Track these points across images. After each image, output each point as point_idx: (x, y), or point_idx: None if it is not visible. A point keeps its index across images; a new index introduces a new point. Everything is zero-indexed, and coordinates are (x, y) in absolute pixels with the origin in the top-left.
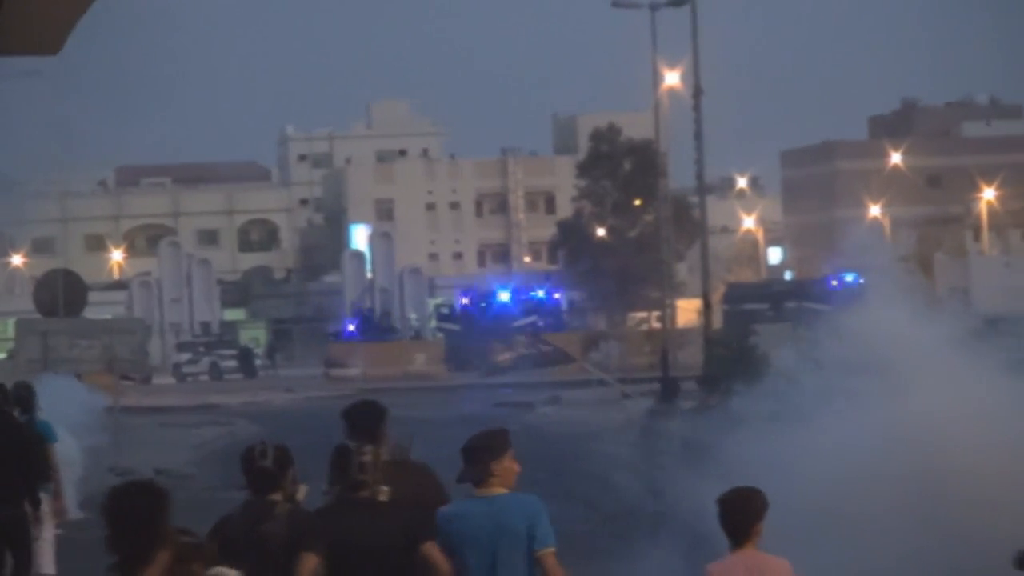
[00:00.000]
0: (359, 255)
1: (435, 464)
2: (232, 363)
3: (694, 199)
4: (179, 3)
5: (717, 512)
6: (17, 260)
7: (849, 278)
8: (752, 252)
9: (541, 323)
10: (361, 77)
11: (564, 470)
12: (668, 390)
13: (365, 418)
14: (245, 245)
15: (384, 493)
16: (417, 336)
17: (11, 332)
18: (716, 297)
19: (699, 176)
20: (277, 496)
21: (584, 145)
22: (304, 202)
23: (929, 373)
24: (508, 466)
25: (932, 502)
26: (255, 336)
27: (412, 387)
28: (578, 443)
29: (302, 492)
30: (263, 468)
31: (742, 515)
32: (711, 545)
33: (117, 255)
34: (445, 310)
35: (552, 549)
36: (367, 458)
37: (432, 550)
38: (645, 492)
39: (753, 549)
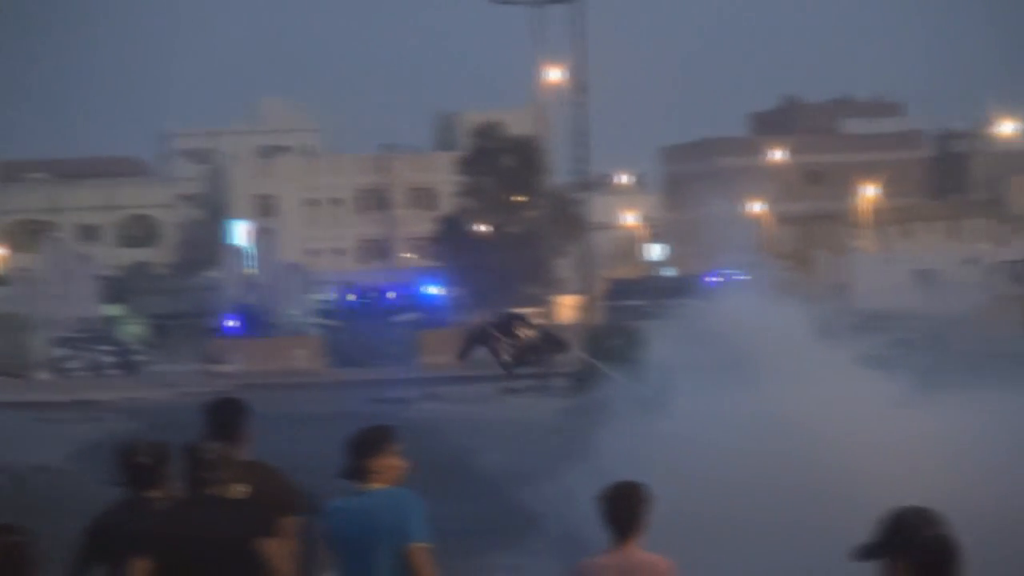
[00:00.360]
0: (240, 251)
1: (312, 461)
2: (111, 359)
3: (576, 195)
4: (53, 9)
5: (599, 508)
6: None
7: (731, 274)
8: (632, 248)
9: (422, 319)
10: (243, 73)
11: (441, 468)
12: (550, 385)
13: (225, 415)
14: (125, 240)
15: (237, 491)
16: (297, 332)
17: None
18: (598, 293)
19: (581, 173)
20: (155, 493)
21: (465, 141)
22: (185, 198)
23: (788, 367)
24: (389, 463)
25: (789, 497)
26: (135, 332)
27: (292, 383)
28: (457, 440)
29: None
30: (141, 464)
31: (623, 510)
32: (590, 542)
33: None
34: (325, 306)
35: (423, 545)
36: (212, 456)
37: (267, 547)
38: (524, 490)
39: (634, 547)
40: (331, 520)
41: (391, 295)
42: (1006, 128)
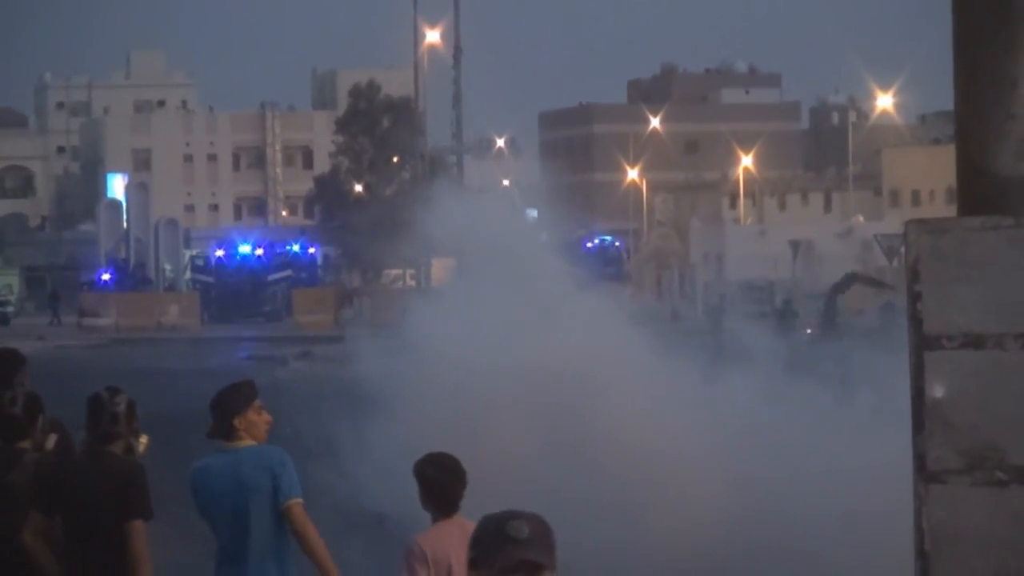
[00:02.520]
0: (115, 204)
1: (182, 417)
2: None
3: (452, 158)
4: None
5: (417, 482)
6: None
7: (606, 240)
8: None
9: (295, 277)
10: (121, 25)
11: (308, 428)
12: None
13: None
14: (0, 192)
15: (143, 444)
16: (171, 287)
17: None
18: None
19: (456, 135)
20: (25, 444)
21: (343, 101)
22: (61, 150)
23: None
24: (254, 419)
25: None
26: (8, 283)
27: (164, 338)
28: (326, 400)
29: (51, 441)
30: (11, 415)
31: (448, 483)
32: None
33: None
34: (200, 262)
35: (298, 500)
36: (120, 408)
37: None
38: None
39: (460, 517)
40: (199, 479)
41: (259, 252)
42: (881, 102)
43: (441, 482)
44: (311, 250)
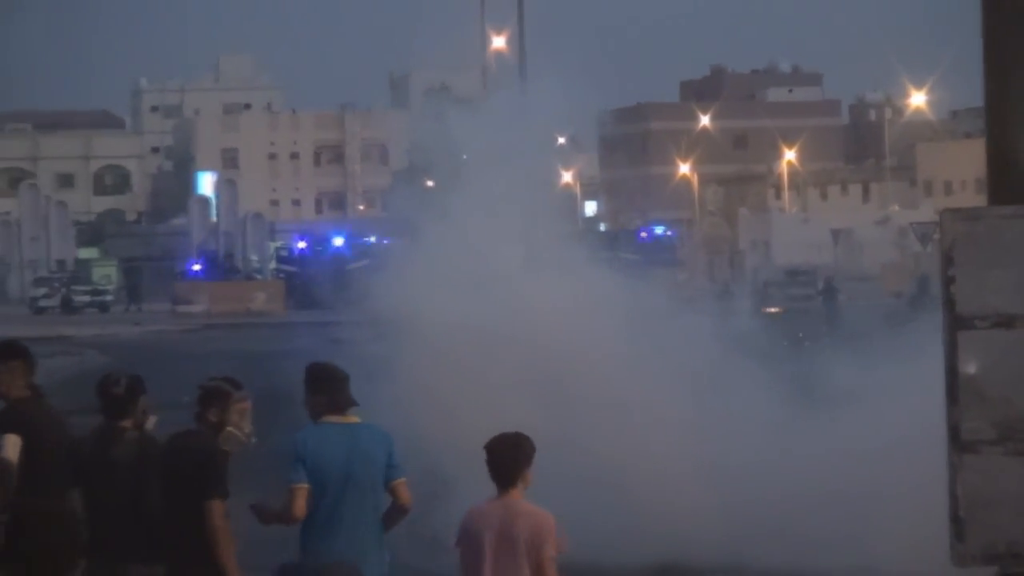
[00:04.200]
0: (205, 200)
1: (269, 393)
2: (85, 298)
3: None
4: None
5: (485, 458)
6: None
7: (659, 230)
8: (570, 205)
9: (375, 265)
10: (210, 31)
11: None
12: None
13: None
14: (99, 189)
15: (151, 423)
16: (258, 276)
17: None
18: None
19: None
20: (127, 423)
21: (417, 101)
22: (155, 150)
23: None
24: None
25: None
26: (107, 274)
27: (252, 323)
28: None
29: (151, 422)
30: (116, 395)
31: (508, 460)
32: None
33: None
34: (284, 253)
35: (405, 479)
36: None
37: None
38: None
39: (518, 496)
40: (313, 444)
41: (338, 242)
42: (916, 99)
43: (496, 455)
44: (387, 241)
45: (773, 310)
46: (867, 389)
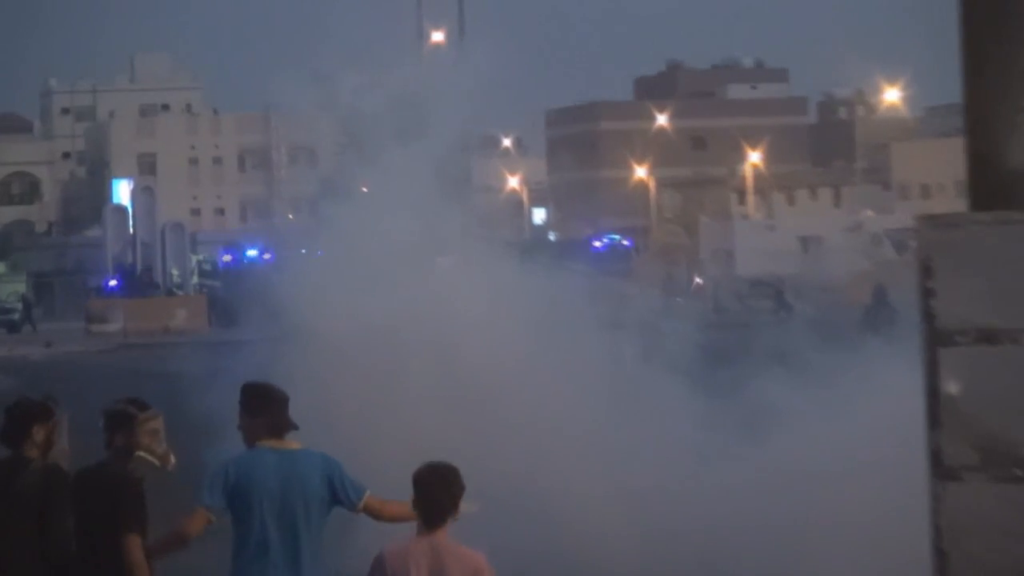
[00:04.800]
0: (121, 209)
1: (195, 418)
2: None
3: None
4: None
5: (413, 492)
6: None
7: (614, 238)
8: (516, 212)
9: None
10: (124, 29)
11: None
12: None
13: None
14: (6, 198)
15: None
16: (178, 292)
17: None
18: None
19: (463, 134)
20: (32, 452)
21: (346, 101)
22: (67, 155)
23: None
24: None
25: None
26: (16, 290)
27: (172, 342)
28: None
29: (59, 451)
30: (8, 420)
31: (442, 496)
32: None
33: None
34: (207, 266)
35: (369, 491)
36: (100, 423)
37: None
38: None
39: (445, 536)
40: (243, 472)
41: (252, 253)
42: (889, 95)
43: (427, 489)
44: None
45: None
46: (799, 411)
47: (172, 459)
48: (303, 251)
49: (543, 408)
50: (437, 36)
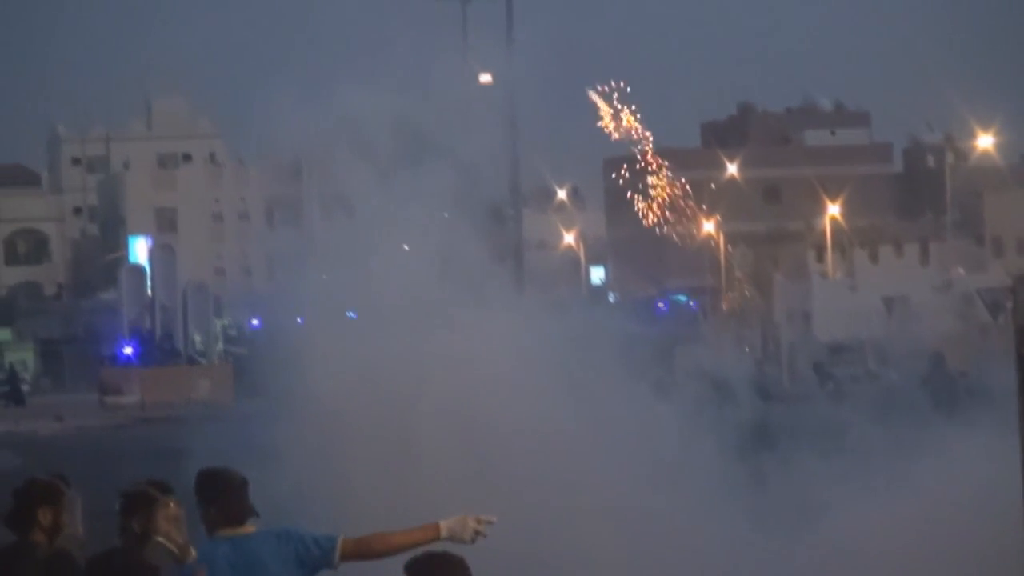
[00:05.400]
0: (138, 269)
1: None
2: None
3: (509, 211)
4: None
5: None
6: None
7: (680, 299)
8: (573, 270)
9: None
10: (140, 70)
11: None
12: None
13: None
14: (11, 257)
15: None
16: (201, 360)
17: None
18: None
19: (513, 186)
20: (38, 537)
21: (385, 146)
22: (77, 211)
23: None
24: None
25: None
26: (22, 358)
27: (195, 416)
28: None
29: (70, 536)
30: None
31: None
32: None
33: None
34: (233, 331)
35: (341, 536)
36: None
37: None
38: None
39: None
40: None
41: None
42: (982, 141)
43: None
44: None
45: None
46: (847, 507)
47: (192, 552)
48: (337, 312)
49: (578, 487)
50: (485, 78)
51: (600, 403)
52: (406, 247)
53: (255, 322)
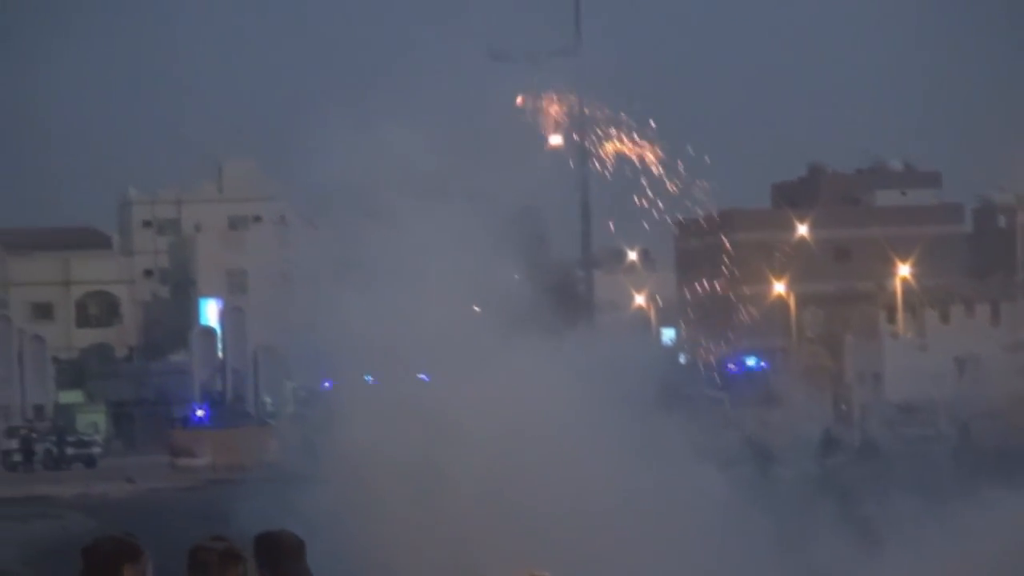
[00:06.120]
0: (209, 332)
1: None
2: (69, 450)
3: (579, 273)
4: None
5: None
6: None
7: (750, 360)
8: (644, 331)
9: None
10: (212, 132)
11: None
12: None
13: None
14: (82, 320)
15: None
16: (272, 422)
17: None
18: None
19: (585, 247)
20: None
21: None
22: (148, 273)
23: None
24: None
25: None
26: (93, 420)
27: (267, 478)
28: None
29: None
30: (92, 563)
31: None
32: None
33: None
34: (303, 393)
35: None
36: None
37: None
38: None
39: None
40: None
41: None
42: None
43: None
44: None
45: None
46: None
47: None
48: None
49: (632, 551)
50: (555, 140)
51: (662, 469)
52: (476, 308)
53: (326, 384)
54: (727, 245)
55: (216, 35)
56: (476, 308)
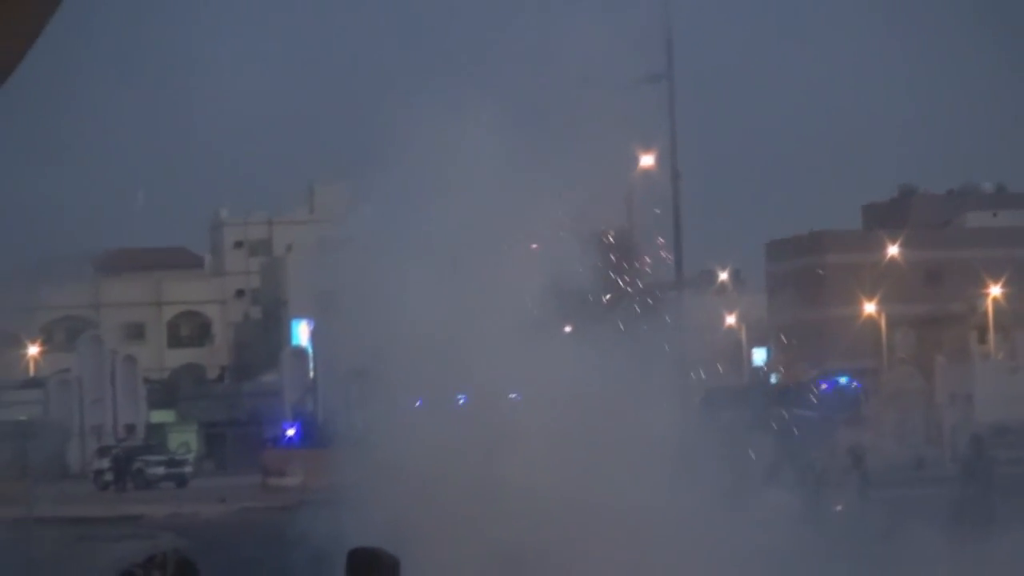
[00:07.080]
0: (301, 352)
1: None
2: (159, 470)
3: (671, 293)
4: (95, 73)
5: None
6: None
7: (842, 380)
8: (734, 352)
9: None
10: (303, 156)
11: None
12: None
13: None
14: (174, 340)
15: None
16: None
17: None
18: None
19: (676, 268)
20: None
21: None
22: (240, 293)
23: None
24: None
25: None
26: (185, 440)
27: (356, 499)
28: None
29: None
30: None
31: None
32: None
33: (33, 350)
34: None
35: None
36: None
37: None
38: None
39: None
40: None
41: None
42: None
43: None
44: None
45: None
46: None
47: None
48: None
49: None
50: (647, 160)
51: (735, 492)
52: (567, 328)
53: (417, 403)
54: (818, 266)
55: (310, 58)
56: (567, 328)
